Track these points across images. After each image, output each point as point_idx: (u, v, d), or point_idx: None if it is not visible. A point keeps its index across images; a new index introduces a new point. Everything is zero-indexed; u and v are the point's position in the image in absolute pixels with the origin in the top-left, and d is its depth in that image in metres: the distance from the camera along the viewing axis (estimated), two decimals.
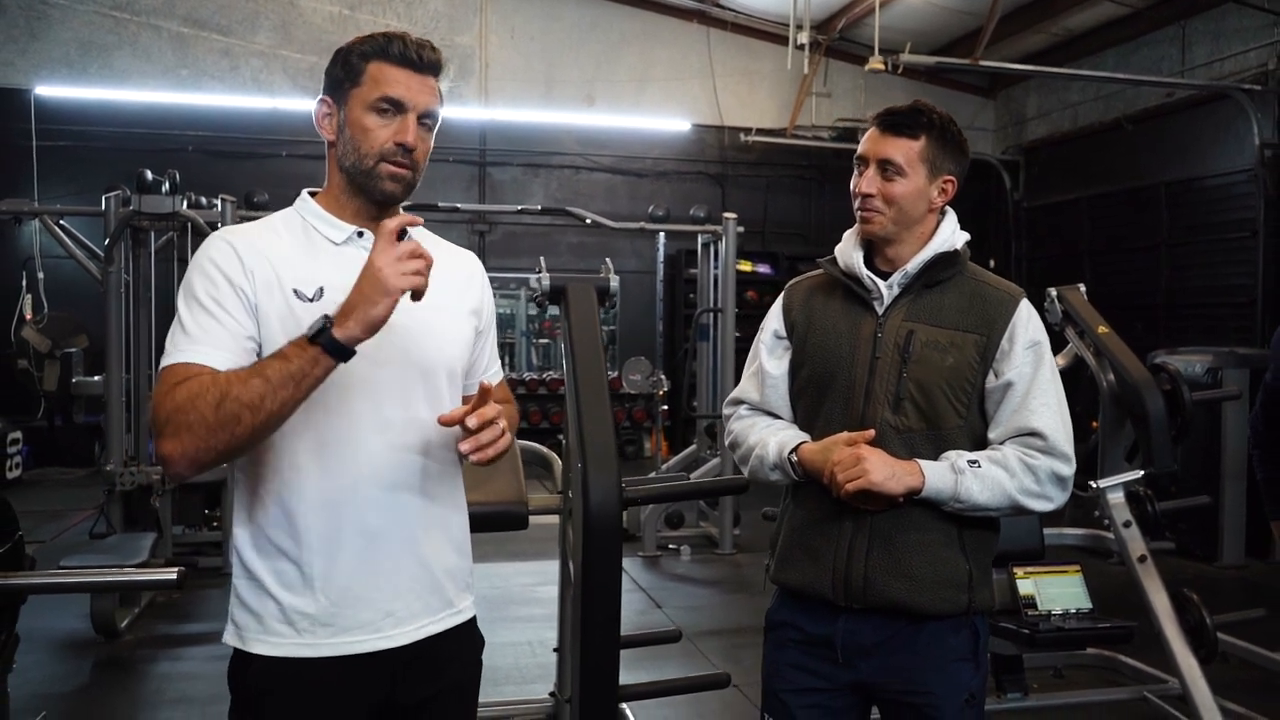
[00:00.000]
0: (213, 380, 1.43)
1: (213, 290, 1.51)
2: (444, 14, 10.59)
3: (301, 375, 1.43)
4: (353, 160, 1.60)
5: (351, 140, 1.59)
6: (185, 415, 1.41)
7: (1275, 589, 5.65)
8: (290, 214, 1.66)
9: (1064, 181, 10.59)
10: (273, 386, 1.41)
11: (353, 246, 1.62)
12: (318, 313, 1.48)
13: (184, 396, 1.43)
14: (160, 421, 1.44)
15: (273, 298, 1.53)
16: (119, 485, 5.58)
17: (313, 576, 1.55)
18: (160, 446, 1.46)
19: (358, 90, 1.59)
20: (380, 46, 1.60)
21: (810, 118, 11.10)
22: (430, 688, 1.67)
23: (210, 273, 1.53)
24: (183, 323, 1.51)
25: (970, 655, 1.89)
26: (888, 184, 1.86)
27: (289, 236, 1.61)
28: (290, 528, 1.55)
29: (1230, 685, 3.87)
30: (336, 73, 1.62)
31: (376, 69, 1.59)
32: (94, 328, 8.73)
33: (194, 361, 1.46)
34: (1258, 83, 7.98)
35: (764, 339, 2.05)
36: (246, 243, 1.56)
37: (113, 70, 9.86)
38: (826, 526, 1.87)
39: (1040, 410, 1.82)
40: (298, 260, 1.58)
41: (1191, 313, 8.87)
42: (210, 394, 1.41)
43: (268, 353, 1.50)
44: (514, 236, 10.81)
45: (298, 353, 1.42)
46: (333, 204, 1.64)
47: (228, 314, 1.51)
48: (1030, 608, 3.60)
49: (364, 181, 1.60)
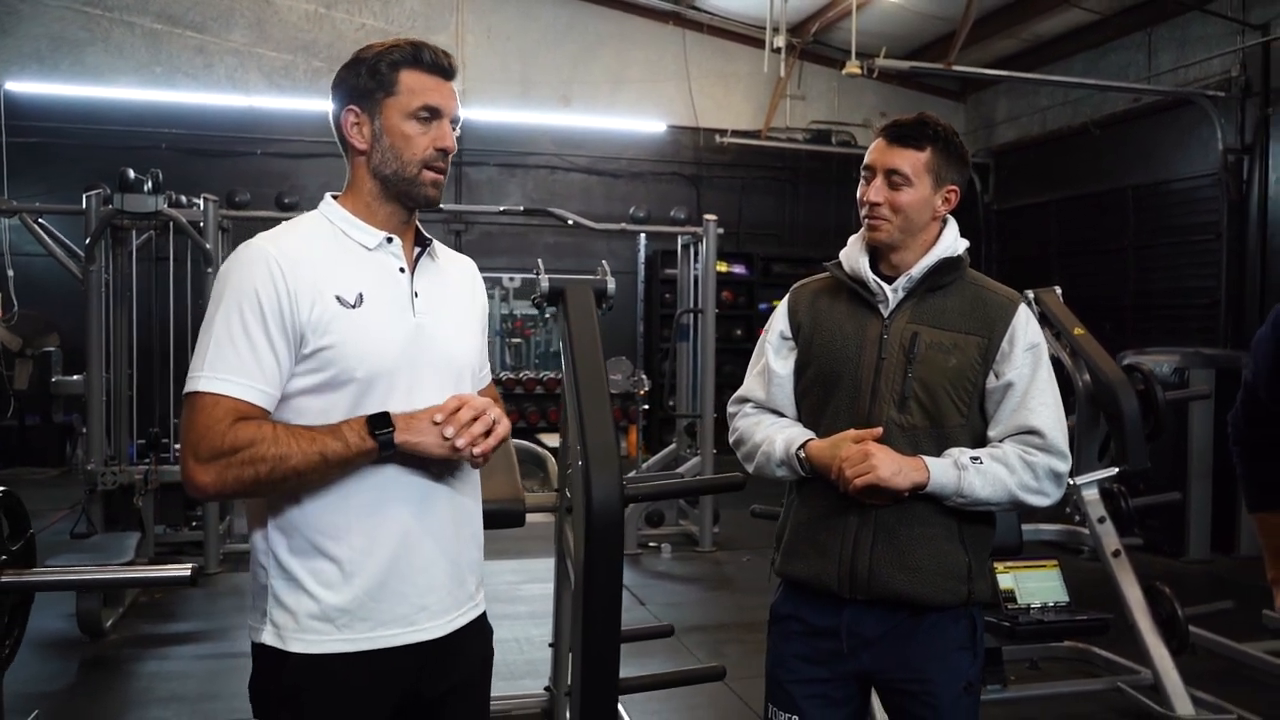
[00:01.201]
0: (274, 436, 1.51)
1: (258, 316, 1.54)
2: (420, 13, 10.59)
3: (348, 463, 1.55)
4: (394, 168, 1.64)
5: (392, 148, 1.64)
6: (240, 461, 1.50)
7: (1240, 583, 5.81)
8: (318, 219, 1.69)
9: (1033, 184, 10.77)
10: (328, 465, 1.53)
11: (383, 252, 1.66)
12: (360, 320, 1.57)
13: (245, 439, 1.50)
14: (209, 449, 1.50)
15: (315, 307, 1.57)
16: (100, 485, 5.56)
17: (352, 574, 1.60)
18: (198, 472, 1.51)
19: (394, 99, 1.63)
20: (411, 55, 1.64)
21: (785, 120, 11.21)
22: (451, 679, 1.73)
23: (258, 295, 1.55)
24: (234, 343, 1.54)
25: (969, 645, 1.97)
26: (894, 193, 1.94)
27: (322, 243, 1.64)
28: (331, 527, 1.59)
29: (1200, 675, 4.00)
30: (364, 82, 1.64)
31: (410, 77, 1.64)
32: (65, 326, 8.66)
33: (244, 399, 1.53)
34: (1221, 89, 8.17)
35: (770, 339, 2.11)
36: (287, 257, 1.58)
37: (84, 67, 9.76)
38: (833, 521, 1.94)
39: (1039, 409, 1.91)
40: (335, 267, 1.61)
41: (1157, 314, 9.07)
42: (270, 450, 1.50)
43: (314, 346, 1.55)
44: (490, 237, 10.83)
45: (358, 443, 1.53)
46: (362, 210, 1.68)
47: (271, 346, 1.54)
48: (1010, 601, 3.72)
49: (406, 188, 1.65)
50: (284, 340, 1.55)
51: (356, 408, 1.58)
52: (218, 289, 1.59)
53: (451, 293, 1.76)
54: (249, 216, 6.99)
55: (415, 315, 1.66)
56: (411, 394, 1.62)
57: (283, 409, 1.58)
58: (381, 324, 1.61)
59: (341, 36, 10.33)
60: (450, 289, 1.76)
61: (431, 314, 1.68)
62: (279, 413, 1.58)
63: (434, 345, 1.66)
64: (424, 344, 1.64)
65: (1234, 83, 8.12)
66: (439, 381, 1.66)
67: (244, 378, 1.53)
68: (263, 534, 1.62)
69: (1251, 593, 5.20)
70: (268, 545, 1.62)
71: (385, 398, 1.59)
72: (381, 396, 1.59)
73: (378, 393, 1.59)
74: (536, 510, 3.03)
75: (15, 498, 2.18)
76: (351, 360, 1.57)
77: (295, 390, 1.58)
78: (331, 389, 1.58)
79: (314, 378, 1.58)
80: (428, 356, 1.65)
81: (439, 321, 1.69)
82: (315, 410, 1.58)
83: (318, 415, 1.57)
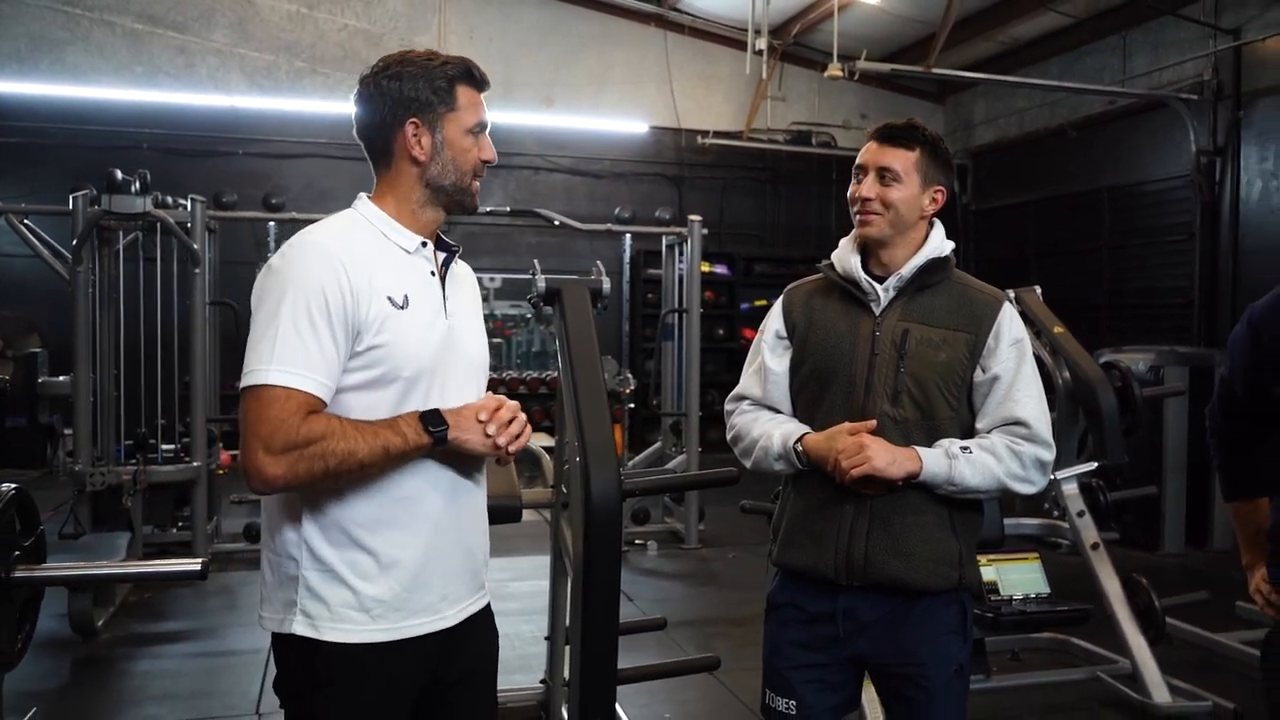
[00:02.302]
0: (342, 430, 1.57)
1: (324, 312, 1.59)
2: (402, 13, 10.60)
3: (405, 457, 1.62)
4: (454, 179, 1.73)
5: (453, 161, 1.72)
6: (312, 454, 1.55)
7: (1213, 575, 5.94)
8: (357, 219, 1.73)
9: (1010, 185, 10.92)
10: (388, 459, 1.60)
11: (419, 256, 1.74)
12: (407, 321, 1.65)
13: (319, 431, 1.55)
14: (283, 441, 1.54)
15: (371, 306, 1.63)
16: (88, 485, 5.56)
17: (388, 565, 1.66)
18: (269, 465, 1.54)
19: (454, 114, 1.71)
20: (463, 71, 1.72)
21: (766, 121, 11.29)
22: (465, 663, 1.80)
23: (325, 292, 1.59)
24: (301, 338, 1.57)
25: (959, 629, 2.07)
26: (885, 189, 2.04)
27: (373, 245, 1.70)
28: (370, 520, 1.65)
29: (1176, 664, 4.11)
30: (425, 95, 1.69)
31: (465, 94, 1.72)
32: (47, 327, 8.62)
33: (313, 392, 1.58)
34: (1194, 92, 8.32)
35: (765, 339, 2.20)
36: (348, 253, 1.63)
37: (64, 66, 9.71)
38: (829, 510, 2.03)
39: (1024, 401, 2.01)
40: (383, 267, 1.67)
41: (1132, 313, 9.21)
42: (340, 445, 1.56)
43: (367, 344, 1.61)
44: (473, 236, 10.84)
45: (415, 438, 1.61)
46: (406, 215, 1.74)
47: (334, 342, 1.60)
48: (993, 593, 3.80)
49: (461, 198, 1.75)
50: (345, 337, 1.61)
51: (399, 405, 1.65)
52: (277, 283, 1.61)
53: (467, 297, 1.85)
54: (236, 217, 7.00)
55: (447, 318, 1.74)
56: (444, 392, 1.70)
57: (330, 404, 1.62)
58: (423, 326, 1.69)
59: (324, 37, 10.34)
60: (465, 293, 1.85)
61: (458, 317, 1.77)
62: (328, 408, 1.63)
63: (461, 347, 1.76)
64: (454, 345, 1.74)
65: (1206, 86, 8.27)
66: (463, 380, 1.75)
67: (312, 371, 1.58)
68: (294, 528, 1.66)
69: (1225, 585, 5.34)
70: (300, 538, 1.66)
71: (425, 396, 1.67)
72: (421, 395, 1.67)
73: (419, 391, 1.67)
74: (534, 506, 3.08)
75: (27, 495, 2.22)
76: (399, 359, 1.64)
77: (345, 386, 1.63)
78: (380, 386, 1.65)
79: (364, 374, 1.64)
80: (456, 357, 1.74)
81: (464, 324, 1.78)
82: (361, 407, 1.64)
83: (363, 411, 1.63)
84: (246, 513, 6.78)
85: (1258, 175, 7.94)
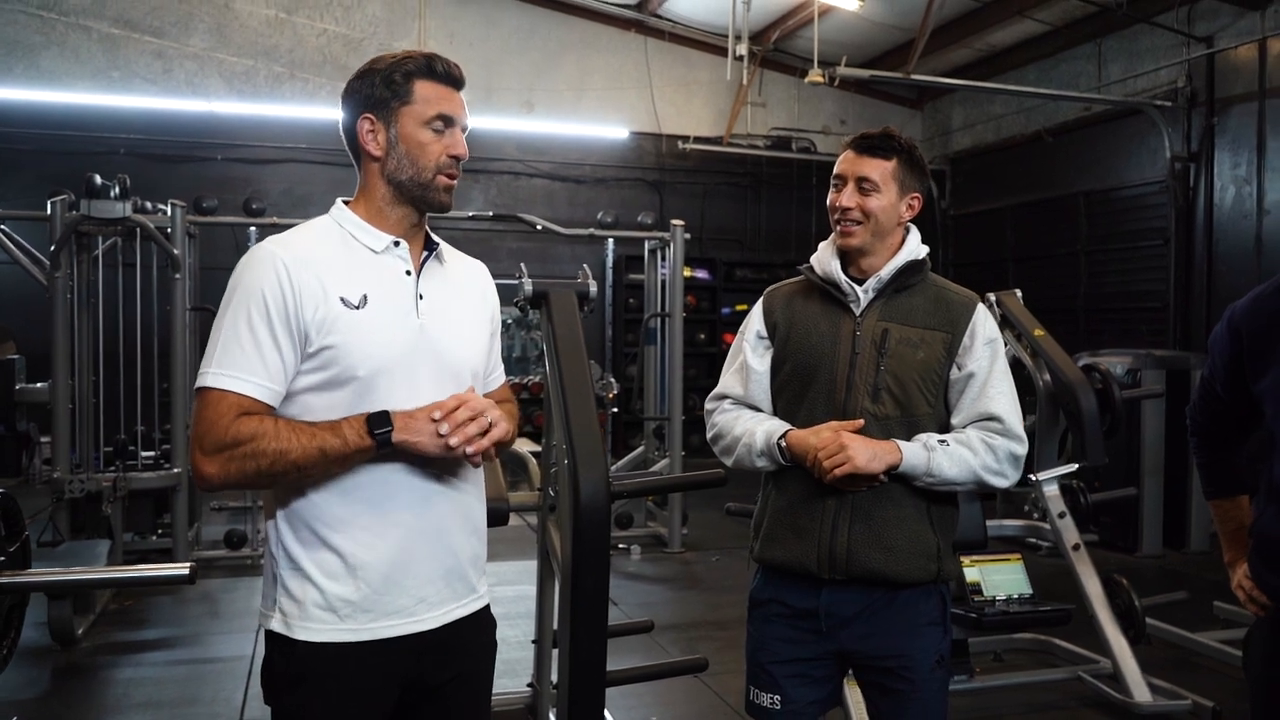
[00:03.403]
0: (275, 431, 1.58)
1: (264, 315, 1.61)
2: (382, 19, 10.57)
3: (347, 459, 1.61)
4: (410, 174, 1.71)
5: (408, 155, 1.71)
6: (242, 454, 1.57)
7: (1191, 576, 6.01)
8: (328, 223, 1.75)
9: (987, 191, 11.01)
10: (327, 460, 1.60)
11: (390, 255, 1.73)
12: (364, 320, 1.64)
13: (247, 433, 1.57)
14: (213, 442, 1.58)
15: (319, 308, 1.63)
16: (66, 493, 5.51)
17: (355, 566, 1.66)
18: (204, 464, 1.60)
19: (409, 108, 1.70)
20: (424, 66, 1.72)
21: (746, 126, 11.34)
22: (453, 668, 1.79)
23: (265, 295, 1.62)
24: (240, 341, 1.61)
25: (939, 620, 2.11)
26: (865, 198, 2.09)
27: (330, 246, 1.70)
28: (334, 520, 1.66)
29: (1156, 664, 4.16)
30: (379, 91, 1.70)
31: (424, 87, 1.71)
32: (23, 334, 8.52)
33: (248, 394, 1.60)
34: (1168, 99, 8.43)
35: (747, 339, 2.23)
36: (294, 259, 1.65)
37: (39, 71, 9.62)
38: (810, 505, 2.06)
39: (997, 398, 2.07)
40: (341, 269, 1.68)
41: (1109, 317, 9.31)
42: (270, 445, 1.57)
43: (317, 345, 1.62)
44: (454, 242, 10.36)
45: (356, 440, 1.60)
46: (374, 215, 1.74)
47: (275, 345, 1.61)
48: (976, 594, 3.84)
49: (421, 193, 1.73)
50: (289, 339, 1.62)
51: (359, 405, 1.64)
52: (228, 291, 1.66)
53: (459, 295, 1.83)
54: (216, 222, 6.96)
55: (419, 317, 1.72)
56: (414, 393, 1.68)
57: (290, 405, 1.65)
58: (384, 325, 1.67)
59: (303, 42, 10.30)
60: (458, 291, 1.83)
61: (435, 315, 1.75)
62: (287, 409, 1.65)
63: (436, 346, 1.73)
64: (426, 345, 1.71)
65: (1180, 93, 8.39)
66: (439, 381, 1.72)
67: (249, 374, 1.60)
68: (273, 525, 1.70)
69: (1203, 585, 5.40)
70: (277, 535, 1.69)
71: (387, 396, 1.66)
72: (383, 395, 1.66)
73: (379, 391, 1.66)
74: (521, 509, 3.08)
75: (12, 500, 2.21)
76: (353, 359, 1.64)
77: (301, 388, 1.65)
78: (334, 387, 1.65)
79: (318, 376, 1.64)
80: (429, 357, 1.71)
81: (444, 323, 1.75)
82: (320, 407, 1.64)
83: (323, 412, 1.64)
84: (227, 519, 6.73)
85: (1231, 181, 8.05)
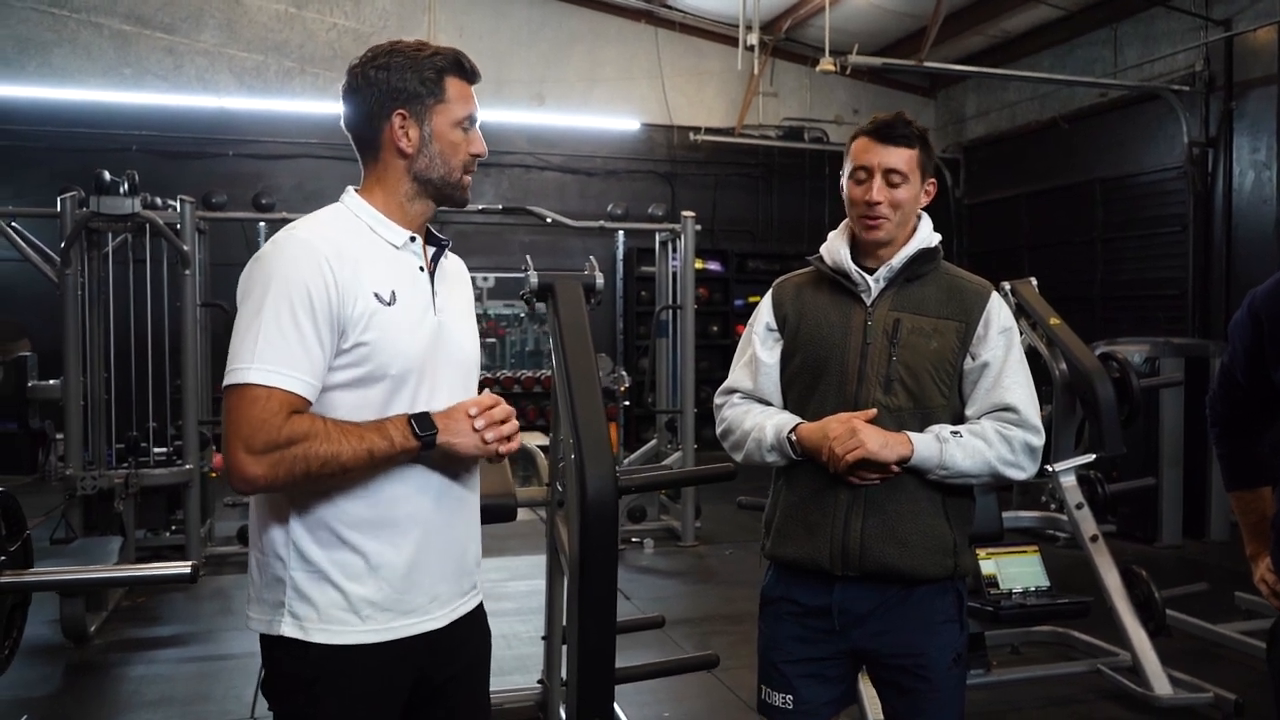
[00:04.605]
0: (326, 432, 1.53)
1: (308, 309, 1.55)
2: (392, 12, 10.55)
3: (391, 460, 1.59)
4: (442, 173, 1.69)
5: (441, 155, 1.68)
6: (293, 455, 1.52)
7: (1212, 566, 5.94)
8: (344, 213, 1.69)
9: (1002, 178, 10.91)
10: (373, 462, 1.57)
11: (408, 251, 1.70)
12: (394, 317, 1.61)
13: (301, 433, 1.52)
14: (265, 441, 1.51)
15: (357, 303, 1.59)
16: (79, 489, 5.51)
17: (378, 565, 1.63)
18: (250, 465, 1.51)
19: (443, 106, 1.67)
20: (453, 62, 1.68)
21: (758, 117, 11.27)
22: (456, 664, 1.77)
23: (309, 288, 1.55)
24: (284, 335, 1.54)
25: (955, 617, 2.05)
26: (893, 191, 2.02)
27: (356, 238, 1.65)
28: (359, 521, 1.62)
29: (1176, 656, 4.10)
30: (413, 86, 1.65)
31: (454, 86, 1.68)
32: (34, 331, 8.56)
33: (296, 391, 1.54)
34: (1186, 84, 8.32)
35: (756, 331, 2.18)
36: (333, 249, 1.59)
37: (52, 68, 9.64)
38: (823, 500, 2.01)
39: (1013, 387, 2.01)
40: (370, 262, 1.63)
41: (1126, 304, 9.21)
42: (324, 447, 1.53)
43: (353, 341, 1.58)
44: (465, 236, 10.79)
45: (402, 441, 1.57)
46: (394, 209, 1.70)
47: (319, 340, 1.56)
48: (993, 586, 3.79)
49: (450, 191, 1.71)
50: (330, 334, 1.57)
51: (388, 403, 1.62)
52: (260, 279, 1.57)
53: (457, 292, 1.81)
54: (226, 218, 6.96)
55: (436, 314, 1.70)
56: (433, 390, 1.66)
57: (317, 403, 1.59)
58: (411, 322, 1.65)
59: (313, 37, 10.29)
60: (456, 288, 1.81)
61: (447, 312, 1.73)
62: (315, 406, 1.59)
63: (451, 343, 1.72)
64: (444, 342, 1.70)
65: (1198, 77, 8.27)
66: (454, 378, 1.71)
67: (295, 370, 1.54)
68: (282, 528, 1.63)
69: (1224, 575, 5.33)
70: (288, 538, 1.63)
71: (414, 394, 1.64)
72: (410, 393, 1.64)
73: (408, 389, 1.64)
74: (529, 505, 3.05)
75: (12, 499, 2.19)
76: (386, 357, 1.61)
77: (332, 384, 1.60)
78: (366, 384, 1.61)
79: (351, 372, 1.60)
80: (446, 354, 1.70)
81: (454, 320, 1.75)
82: (349, 405, 1.60)
83: (351, 410, 1.60)
84: (240, 515, 6.73)
85: (1250, 166, 7.94)
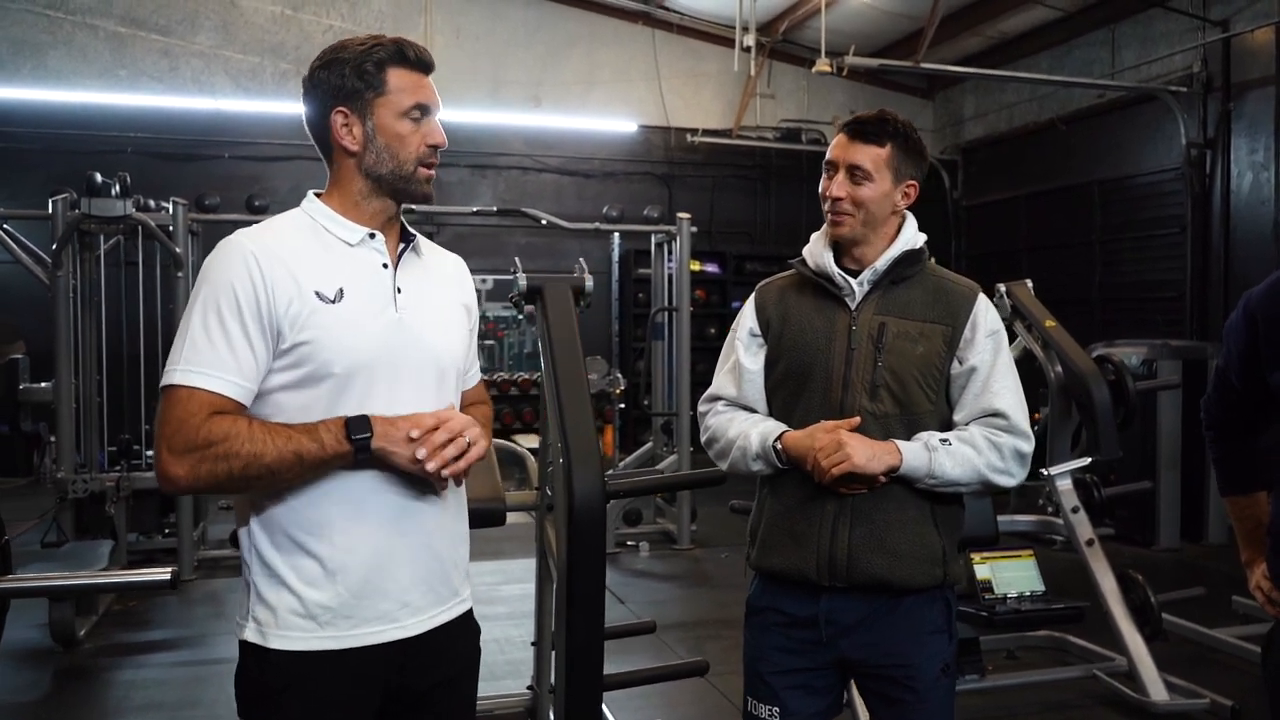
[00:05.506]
0: (249, 433, 1.50)
1: (234, 309, 1.53)
2: (388, 13, 10.53)
3: (324, 464, 1.54)
4: (391, 168, 1.64)
5: (388, 148, 1.63)
6: (214, 455, 1.49)
7: (1209, 570, 5.91)
8: (299, 216, 1.68)
9: (1001, 180, 10.89)
10: (303, 465, 1.52)
11: (365, 248, 1.66)
12: (339, 315, 1.57)
13: (220, 434, 1.49)
14: (184, 442, 1.49)
15: (292, 302, 1.56)
16: (70, 493, 5.48)
17: (334, 570, 1.59)
18: (172, 465, 1.50)
19: (385, 99, 1.62)
20: (395, 53, 1.63)
21: (755, 119, 11.25)
22: (437, 674, 1.72)
23: (235, 288, 1.54)
24: (209, 336, 1.53)
25: (944, 627, 2.01)
26: (856, 188, 1.99)
27: (302, 238, 1.63)
28: (313, 524, 1.58)
29: (1172, 661, 4.06)
30: (351, 83, 1.62)
31: (397, 76, 1.63)
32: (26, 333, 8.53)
33: (220, 392, 1.52)
34: (1184, 85, 8.29)
35: (739, 336, 2.14)
36: (265, 252, 1.57)
37: (46, 70, 9.62)
38: (809, 509, 1.97)
39: (1001, 392, 1.97)
40: (315, 262, 1.60)
41: (1124, 306, 9.19)
42: (244, 447, 1.49)
43: (290, 341, 1.54)
44: (461, 238, 10.77)
45: (334, 445, 1.52)
46: (349, 208, 1.66)
47: (247, 340, 1.53)
48: (987, 591, 3.76)
49: (404, 185, 1.66)
50: (261, 334, 1.54)
51: (335, 403, 1.57)
52: (197, 285, 1.58)
53: (437, 289, 1.75)
54: (219, 220, 6.93)
55: (397, 310, 1.65)
56: (393, 390, 1.61)
57: (262, 405, 1.57)
58: (360, 319, 1.60)
59: (309, 38, 10.26)
60: (436, 285, 1.75)
61: (414, 309, 1.67)
62: (259, 409, 1.57)
63: (416, 341, 1.66)
64: (405, 339, 1.64)
65: (1196, 78, 8.24)
66: (420, 378, 1.65)
67: (219, 371, 1.52)
68: (247, 530, 1.62)
69: (1221, 579, 5.30)
70: (251, 541, 1.61)
71: (365, 394, 1.59)
72: (361, 392, 1.59)
73: (357, 389, 1.58)
74: (517, 509, 3.02)
75: None
76: (329, 355, 1.57)
77: (274, 386, 1.57)
78: (309, 384, 1.57)
79: (292, 373, 1.57)
80: (409, 352, 1.64)
81: (422, 317, 1.68)
82: (294, 406, 1.57)
83: (297, 411, 1.56)
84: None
85: (1248, 167, 7.91)
